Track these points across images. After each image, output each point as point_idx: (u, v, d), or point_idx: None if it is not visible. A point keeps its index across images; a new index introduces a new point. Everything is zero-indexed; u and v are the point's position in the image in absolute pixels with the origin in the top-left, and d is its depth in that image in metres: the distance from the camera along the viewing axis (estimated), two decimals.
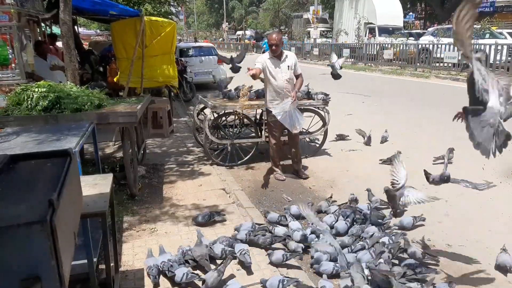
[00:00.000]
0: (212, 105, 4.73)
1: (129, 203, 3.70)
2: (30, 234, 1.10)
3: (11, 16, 4.29)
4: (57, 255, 1.15)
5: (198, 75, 10.97)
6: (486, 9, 23.57)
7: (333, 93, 5.95)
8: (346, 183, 4.35)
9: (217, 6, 55.07)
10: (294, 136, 4.41)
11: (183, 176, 4.50)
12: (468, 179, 2.77)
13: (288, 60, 4.19)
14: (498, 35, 14.24)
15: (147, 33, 5.79)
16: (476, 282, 2.59)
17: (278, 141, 4.46)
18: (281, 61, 4.19)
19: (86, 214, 1.82)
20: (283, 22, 39.74)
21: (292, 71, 4.21)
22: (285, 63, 4.19)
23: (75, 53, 4.35)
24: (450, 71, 13.60)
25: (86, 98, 3.44)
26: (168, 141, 6.11)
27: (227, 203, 3.74)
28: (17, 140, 2.68)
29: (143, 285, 2.47)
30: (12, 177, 1.51)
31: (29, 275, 1.12)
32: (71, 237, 1.42)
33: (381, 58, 17.11)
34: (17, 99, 3.27)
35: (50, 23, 7.80)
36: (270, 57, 4.20)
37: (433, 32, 16.66)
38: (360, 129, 5.95)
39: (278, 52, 4.15)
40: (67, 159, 1.58)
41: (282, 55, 4.18)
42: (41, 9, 5.66)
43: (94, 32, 22.39)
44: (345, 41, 21.45)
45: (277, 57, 4.18)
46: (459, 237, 3.03)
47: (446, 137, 5.92)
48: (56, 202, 1.18)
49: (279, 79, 4.17)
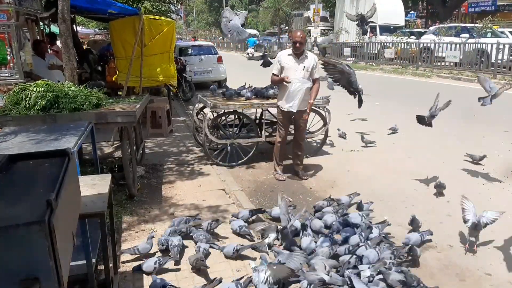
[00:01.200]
0: (211, 104, 4.72)
1: (128, 204, 3.68)
2: (28, 235, 1.10)
3: (9, 15, 4.27)
4: (56, 256, 1.14)
5: (198, 74, 10.94)
6: (488, 8, 23.61)
7: (333, 92, 5.95)
8: (347, 183, 4.34)
9: (217, 5, 54.97)
10: (298, 137, 4.41)
11: (183, 176, 4.48)
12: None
13: (307, 61, 4.12)
14: (500, 34, 14.23)
15: (146, 32, 5.78)
16: (477, 282, 2.58)
17: (283, 140, 4.44)
18: (299, 59, 4.13)
19: (85, 215, 1.81)
20: (283, 20, 39.69)
21: (308, 73, 4.12)
22: (303, 63, 4.12)
23: (73, 52, 4.33)
24: (451, 70, 13.60)
25: (85, 98, 3.42)
26: (167, 141, 6.09)
27: (227, 203, 3.73)
28: (15, 140, 2.66)
29: (142, 286, 2.46)
30: (10, 177, 1.50)
31: (27, 276, 1.12)
32: (70, 237, 1.40)
33: (382, 57, 17.09)
34: (15, 98, 3.25)
35: (48, 22, 7.78)
36: (290, 53, 4.16)
37: (435, 31, 16.64)
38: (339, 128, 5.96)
39: (301, 50, 4.11)
40: (66, 159, 1.57)
41: (302, 54, 4.13)
42: (40, 8, 5.64)
43: (92, 31, 22.37)
44: (346, 40, 21.42)
45: (297, 55, 4.12)
46: (460, 237, 3.02)
47: (447, 137, 5.92)
48: (54, 203, 1.17)
49: (292, 77, 4.08)
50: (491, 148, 5.13)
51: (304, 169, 4.59)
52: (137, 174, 4.17)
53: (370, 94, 9.95)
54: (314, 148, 5.43)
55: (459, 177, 4.30)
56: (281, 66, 4.17)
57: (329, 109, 5.04)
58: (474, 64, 12.85)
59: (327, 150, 5.43)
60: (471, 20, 23.31)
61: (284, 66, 4.14)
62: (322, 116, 5.08)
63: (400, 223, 3.32)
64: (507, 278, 2.60)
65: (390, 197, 3.91)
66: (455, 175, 4.32)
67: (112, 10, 5.78)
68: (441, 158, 4.95)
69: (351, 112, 7.65)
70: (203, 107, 5.36)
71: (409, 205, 3.74)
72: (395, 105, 8.66)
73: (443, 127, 6.54)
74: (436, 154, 5.09)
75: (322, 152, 5.35)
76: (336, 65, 4.12)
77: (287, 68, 4.12)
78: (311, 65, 4.12)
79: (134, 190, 3.83)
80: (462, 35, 14.56)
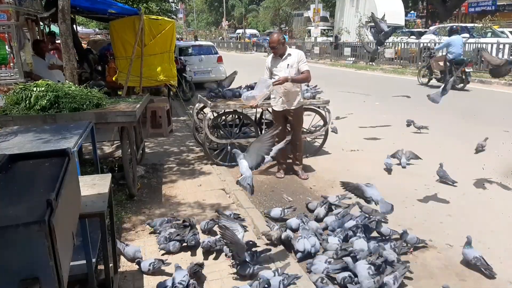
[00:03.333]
0: (211, 104, 4.72)
1: (128, 203, 3.68)
2: (28, 235, 1.10)
3: (9, 15, 4.27)
4: (56, 256, 1.14)
5: (198, 74, 10.94)
6: (488, 8, 23.59)
7: (334, 92, 5.94)
8: None
9: (217, 4, 54.98)
10: (293, 137, 4.39)
11: (183, 176, 4.48)
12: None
13: (290, 58, 4.19)
14: (500, 34, 14.22)
15: (146, 32, 5.78)
16: (477, 282, 2.58)
17: (280, 138, 4.44)
18: (282, 59, 4.22)
19: (85, 215, 1.81)
20: (283, 20, 39.70)
21: (294, 69, 4.18)
22: (285, 61, 4.20)
23: (73, 52, 4.33)
24: None
25: (85, 98, 3.43)
26: (167, 140, 6.09)
27: (227, 203, 3.73)
28: (15, 139, 2.66)
29: (142, 286, 2.46)
30: (11, 177, 1.50)
31: (27, 276, 1.12)
32: (70, 237, 1.41)
33: (382, 57, 17.08)
34: (15, 98, 3.25)
35: (48, 22, 7.77)
36: (273, 56, 4.30)
37: (435, 31, 16.64)
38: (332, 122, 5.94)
39: (279, 53, 4.20)
40: (66, 159, 1.58)
41: (284, 54, 4.21)
42: (40, 8, 5.64)
43: (92, 31, 22.34)
44: (346, 39, 21.41)
45: (279, 56, 4.23)
46: (460, 237, 3.02)
47: (447, 136, 5.92)
48: (54, 202, 1.17)
49: (277, 77, 4.17)
50: (491, 148, 5.13)
51: (304, 169, 4.59)
52: (137, 174, 4.17)
53: (371, 94, 9.97)
54: (314, 148, 5.43)
55: (459, 177, 4.29)
56: (269, 70, 4.34)
57: (329, 109, 5.04)
58: (475, 64, 12.84)
59: (327, 150, 5.42)
60: (471, 20, 23.30)
61: (271, 68, 4.31)
62: (322, 116, 5.07)
63: (400, 223, 3.32)
64: (507, 278, 2.59)
65: (390, 197, 3.89)
66: (454, 175, 4.31)
67: (112, 10, 5.78)
68: (441, 158, 4.95)
69: (351, 111, 7.67)
70: (203, 107, 5.36)
71: (409, 205, 3.74)
72: (395, 105, 8.66)
73: (443, 127, 6.54)
74: (436, 154, 5.08)
75: (322, 152, 5.34)
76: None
77: (272, 69, 4.29)
78: (294, 61, 4.19)
79: (134, 190, 3.83)
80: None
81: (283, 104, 4.28)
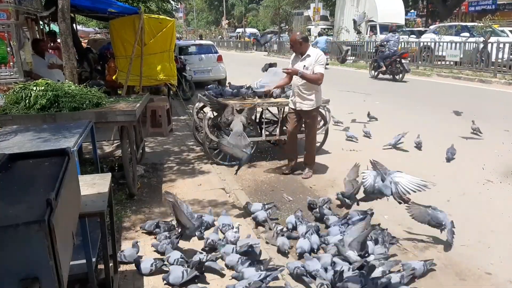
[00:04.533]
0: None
1: (128, 203, 3.68)
2: (28, 234, 1.10)
3: (9, 14, 4.26)
4: (55, 255, 1.14)
5: (198, 73, 10.93)
6: (488, 7, 23.57)
7: (334, 91, 5.93)
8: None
9: (217, 4, 54.94)
10: (307, 137, 4.50)
11: (183, 175, 4.48)
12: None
13: (308, 59, 4.21)
14: (500, 33, 14.21)
15: (146, 31, 5.77)
16: (477, 282, 2.58)
17: (288, 136, 4.57)
18: (301, 59, 4.26)
19: (85, 214, 1.81)
20: (283, 19, 39.63)
21: (309, 71, 4.18)
22: (303, 62, 4.23)
23: (73, 51, 4.33)
24: (452, 69, 13.59)
25: (85, 97, 3.42)
26: (167, 140, 6.09)
27: (226, 202, 3.72)
28: (15, 139, 2.66)
29: (142, 286, 2.46)
30: (10, 177, 1.50)
31: (27, 276, 1.11)
32: (70, 237, 1.40)
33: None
34: (15, 97, 3.25)
35: (48, 21, 7.76)
36: (295, 55, 4.38)
37: (435, 30, 16.62)
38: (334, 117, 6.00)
39: (297, 52, 4.28)
40: (65, 158, 1.57)
41: (304, 53, 4.24)
42: (39, 7, 5.63)
43: (92, 30, 22.31)
44: (346, 39, 21.39)
45: (300, 54, 4.28)
46: (461, 237, 3.02)
47: (446, 136, 5.91)
48: (54, 202, 1.17)
49: (294, 76, 4.24)
50: (491, 148, 5.12)
51: (307, 169, 4.58)
52: (137, 173, 4.17)
53: (371, 94, 9.96)
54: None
55: (459, 177, 4.29)
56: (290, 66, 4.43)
57: (329, 108, 5.03)
58: (475, 63, 12.84)
59: (327, 149, 5.42)
60: (471, 19, 23.28)
61: (290, 66, 4.39)
62: (322, 115, 5.07)
63: (400, 223, 3.32)
64: (507, 277, 2.59)
65: (390, 197, 3.90)
66: (454, 175, 4.32)
67: (112, 9, 5.77)
68: (441, 158, 4.95)
69: (351, 111, 7.66)
70: (203, 106, 5.36)
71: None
72: (395, 105, 8.65)
73: (443, 126, 6.54)
74: (436, 153, 5.08)
75: (322, 152, 5.34)
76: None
77: (293, 67, 4.34)
78: (311, 63, 4.20)
79: (134, 189, 3.83)
80: (462, 34, 14.55)
81: (297, 104, 4.33)
